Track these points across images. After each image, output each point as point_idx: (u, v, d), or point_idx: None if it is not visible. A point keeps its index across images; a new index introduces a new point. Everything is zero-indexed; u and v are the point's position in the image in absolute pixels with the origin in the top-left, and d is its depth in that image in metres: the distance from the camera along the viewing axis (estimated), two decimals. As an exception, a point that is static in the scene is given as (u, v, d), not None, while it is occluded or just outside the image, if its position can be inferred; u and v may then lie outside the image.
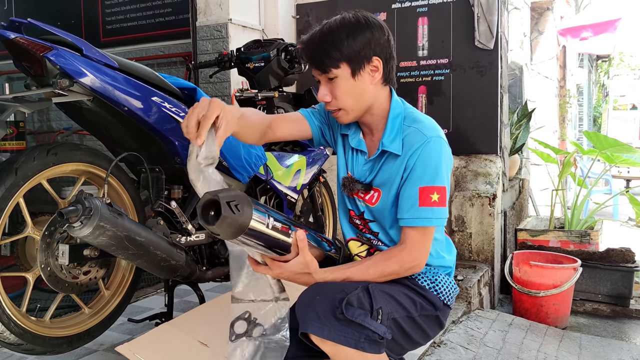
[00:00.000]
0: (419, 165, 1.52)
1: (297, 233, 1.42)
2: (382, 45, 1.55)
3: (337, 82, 1.54)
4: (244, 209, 1.25)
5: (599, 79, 18.82)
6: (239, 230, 1.26)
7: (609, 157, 4.51)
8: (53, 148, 1.78)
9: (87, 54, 1.78)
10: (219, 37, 3.69)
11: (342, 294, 1.39)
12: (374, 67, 1.55)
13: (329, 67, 1.52)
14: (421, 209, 1.51)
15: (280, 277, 1.45)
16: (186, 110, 2.05)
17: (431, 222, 1.52)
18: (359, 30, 1.51)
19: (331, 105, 1.58)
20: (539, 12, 7.64)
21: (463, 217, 3.76)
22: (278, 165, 2.55)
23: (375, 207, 1.63)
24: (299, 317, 1.40)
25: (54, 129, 5.26)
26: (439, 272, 1.65)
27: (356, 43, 1.50)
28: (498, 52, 3.71)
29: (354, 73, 1.53)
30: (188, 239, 2.09)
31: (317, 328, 1.35)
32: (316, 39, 1.53)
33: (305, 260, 1.43)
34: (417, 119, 1.59)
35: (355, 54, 1.51)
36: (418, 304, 1.57)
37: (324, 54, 1.51)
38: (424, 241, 1.54)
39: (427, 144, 1.52)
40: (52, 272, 1.79)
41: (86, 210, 1.60)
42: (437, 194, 1.51)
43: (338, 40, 1.50)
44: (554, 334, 3.32)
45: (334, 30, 1.52)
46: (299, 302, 1.43)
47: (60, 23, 4.96)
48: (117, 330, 2.40)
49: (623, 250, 3.93)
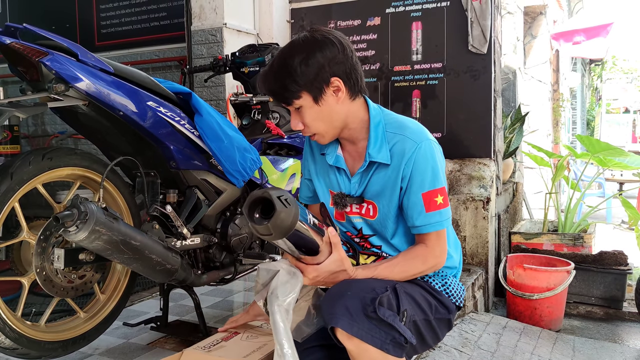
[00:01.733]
0: (416, 173, 1.53)
1: (329, 230, 1.43)
2: (339, 63, 1.50)
3: (303, 110, 1.52)
4: (293, 202, 1.25)
5: (592, 83, 18.92)
6: (292, 225, 1.25)
7: (601, 161, 4.53)
8: (48, 152, 1.79)
9: (83, 59, 1.79)
10: (214, 42, 3.70)
11: (374, 293, 1.40)
12: (335, 88, 1.52)
13: (290, 99, 1.50)
14: (429, 214, 1.53)
15: (316, 281, 1.44)
16: (181, 115, 2.05)
17: (442, 225, 1.55)
18: (311, 55, 1.47)
19: (305, 132, 1.58)
20: (532, 17, 7.69)
21: (457, 221, 3.78)
22: (273, 169, 2.56)
23: (376, 219, 1.62)
24: (326, 311, 1.39)
25: (48, 132, 5.25)
26: (448, 275, 1.67)
27: (310, 70, 1.46)
28: (491, 57, 3.73)
29: (316, 99, 1.51)
30: (183, 243, 2.09)
31: (347, 324, 1.34)
32: (272, 73, 1.51)
33: (341, 256, 1.44)
34: (402, 125, 1.58)
35: (311, 81, 1.48)
36: (434, 306, 1.59)
37: (282, 87, 1.49)
38: (441, 242, 1.57)
39: (419, 149, 1.53)
40: (47, 276, 1.79)
41: (82, 215, 1.60)
42: (440, 195, 1.54)
43: (292, 71, 1.46)
44: (547, 336, 3.33)
45: (287, 60, 1.48)
46: (327, 297, 1.43)
47: (55, 27, 4.95)
48: (112, 335, 2.40)
49: (616, 253, 3.96)
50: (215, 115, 2.13)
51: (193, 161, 2.14)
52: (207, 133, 2.08)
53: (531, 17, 7.64)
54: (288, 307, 1.36)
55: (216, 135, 2.09)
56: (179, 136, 2.05)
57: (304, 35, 1.52)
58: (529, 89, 7.18)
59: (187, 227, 2.07)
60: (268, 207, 1.25)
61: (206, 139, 2.08)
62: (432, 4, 3.87)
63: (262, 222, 1.24)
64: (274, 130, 2.67)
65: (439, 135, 3.86)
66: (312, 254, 1.42)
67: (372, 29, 4.01)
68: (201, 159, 2.17)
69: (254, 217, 1.27)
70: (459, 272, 1.73)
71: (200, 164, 2.18)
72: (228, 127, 2.17)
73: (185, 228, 2.06)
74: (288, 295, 1.36)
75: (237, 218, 2.32)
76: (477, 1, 3.70)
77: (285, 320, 1.34)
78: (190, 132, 2.08)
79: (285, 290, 1.37)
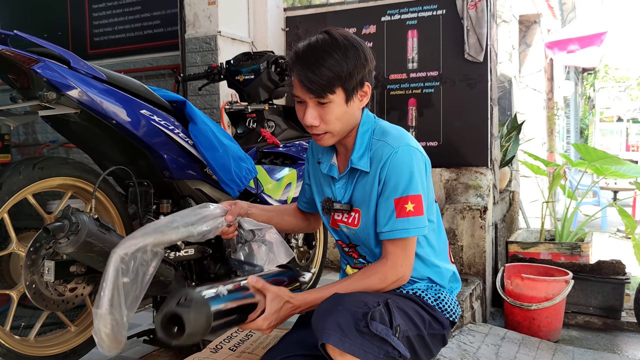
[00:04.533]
0: (390, 177, 1.50)
1: (249, 280, 1.43)
2: (370, 70, 1.52)
3: (330, 107, 1.48)
4: (195, 300, 1.26)
5: (585, 92, 19.04)
6: (208, 320, 1.27)
7: (598, 169, 4.53)
8: (39, 162, 1.74)
9: (75, 67, 1.75)
10: (208, 50, 3.67)
11: (366, 307, 1.36)
12: (363, 93, 1.53)
13: (324, 92, 1.45)
14: (398, 220, 1.49)
15: (271, 326, 1.42)
16: (175, 124, 2.02)
17: (409, 232, 1.49)
18: (354, 55, 1.47)
19: (318, 129, 1.52)
20: (526, 25, 7.71)
21: (454, 230, 3.75)
22: (268, 179, 2.53)
23: (359, 228, 1.60)
24: (317, 327, 1.35)
25: (39, 141, 5.19)
26: (441, 290, 1.63)
27: (352, 69, 1.46)
28: (488, 65, 3.71)
29: (347, 99, 1.49)
30: (177, 254, 2.05)
31: (337, 340, 1.30)
32: (310, 59, 1.45)
33: (275, 292, 1.42)
34: (385, 132, 1.57)
35: (350, 81, 1.47)
36: (427, 321, 1.55)
37: (320, 76, 1.44)
38: (405, 253, 1.52)
39: (395, 154, 1.50)
40: (37, 289, 1.74)
41: (73, 226, 1.56)
42: (411, 203, 1.48)
43: (337, 65, 1.44)
44: (546, 347, 3.30)
45: (329, 51, 1.45)
46: (318, 312, 1.39)
47: (47, 35, 4.91)
48: (104, 348, 2.35)
49: (614, 262, 3.94)
50: (210, 124, 2.10)
51: (187, 170, 2.11)
52: (202, 142, 2.05)
53: (525, 25, 7.66)
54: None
55: (211, 144, 2.06)
56: (172, 145, 2.01)
57: (337, 32, 1.49)
58: (524, 97, 7.18)
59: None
60: (176, 320, 1.25)
61: (200, 147, 2.05)
62: (428, 12, 3.85)
63: (181, 335, 1.24)
64: (270, 139, 2.63)
65: (435, 144, 3.83)
66: (251, 309, 1.41)
67: (368, 37, 3.99)
68: (195, 168, 2.14)
69: (174, 335, 1.26)
70: (454, 287, 1.69)
71: (195, 173, 2.14)
72: (223, 135, 2.14)
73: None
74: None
75: (232, 228, 2.28)
76: (473, 9, 3.69)
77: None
78: (185, 141, 2.04)
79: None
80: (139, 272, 1.45)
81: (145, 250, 1.46)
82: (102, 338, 1.40)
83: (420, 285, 1.62)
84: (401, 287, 1.60)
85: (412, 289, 1.61)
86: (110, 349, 1.42)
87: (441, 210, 3.79)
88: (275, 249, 1.73)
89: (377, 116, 1.66)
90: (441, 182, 3.86)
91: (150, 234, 1.48)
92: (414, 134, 3.85)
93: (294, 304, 1.44)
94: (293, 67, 1.50)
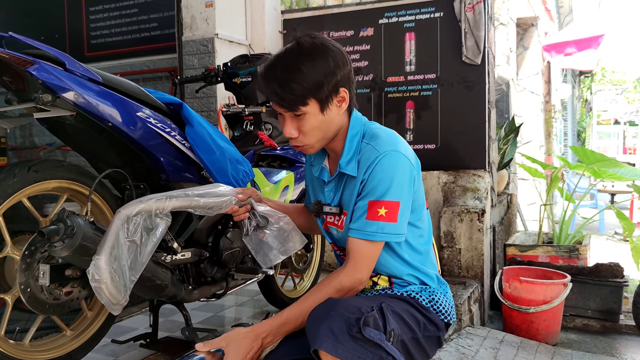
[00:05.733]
0: (371, 180, 1.48)
1: (196, 347, 1.44)
2: (345, 73, 1.49)
3: (305, 118, 1.47)
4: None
5: (582, 94, 19.07)
6: None
7: (595, 172, 4.52)
8: (34, 165, 1.73)
9: (71, 69, 1.74)
10: (205, 52, 3.66)
11: (359, 313, 1.34)
12: (340, 98, 1.50)
13: (296, 105, 1.45)
14: (367, 222, 1.47)
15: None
16: (172, 126, 2.00)
17: (375, 236, 1.47)
18: (322, 62, 1.44)
19: (297, 140, 1.52)
20: (523, 28, 7.72)
21: (452, 233, 3.74)
22: (266, 182, 2.51)
23: (344, 230, 1.60)
24: (310, 333, 1.34)
25: (36, 144, 5.18)
26: (435, 291, 1.62)
27: (320, 77, 1.43)
28: (485, 67, 3.71)
29: (322, 108, 1.47)
30: (174, 258, 2.03)
31: (330, 346, 1.28)
32: (278, 74, 1.44)
33: (226, 338, 1.45)
34: (375, 135, 1.54)
35: (321, 90, 1.44)
36: (422, 324, 1.54)
37: (289, 91, 1.42)
38: (366, 257, 1.50)
39: (381, 159, 1.48)
40: (32, 293, 1.72)
41: (68, 229, 1.55)
42: (385, 208, 1.46)
43: (303, 76, 1.42)
44: (545, 350, 3.28)
45: (296, 64, 1.42)
46: (311, 318, 1.38)
47: (44, 37, 4.90)
48: (100, 352, 2.33)
49: (612, 265, 3.93)
50: (207, 127, 2.08)
51: (184, 173, 2.09)
52: (198, 144, 2.03)
53: (523, 28, 7.67)
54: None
55: (207, 146, 2.04)
56: (169, 148, 2.00)
57: (307, 40, 1.47)
58: (521, 100, 7.19)
59: (177, 241, 2.01)
60: None
61: (197, 150, 2.03)
62: (426, 14, 3.85)
63: None
64: (267, 142, 2.62)
65: (433, 147, 3.83)
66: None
67: (365, 40, 3.99)
68: (192, 171, 2.12)
69: None
70: (445, 290, 1.68)
71: (191, 176, 2.13)
72: (220, 138, 2.13)
73: (176, 242, 2.00)
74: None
75: (229, 232, 2.26)
76: (470, 12, 3.69)
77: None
78: (181, 144, 2.03)
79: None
80: (143, 236, 1.52)
81: (150, 214, 1.52)
82: (100, 287, 1.42)
83: (414, 288, 1.61)
84: (395, 289, 1.59)
85: (406, 291, 1.60)
86: (110, 303, 1.45)
87: (439, 213, 3.78)
88: (290, 237, 1.77)
89: (375, 119, 1.65)
90: (439, 184, 3.85)
91: (157, 199, 1.55)
92: (412, 137, 3.85)
93: (256, 333, 1.44)
94: (263, 83, 1.49)
